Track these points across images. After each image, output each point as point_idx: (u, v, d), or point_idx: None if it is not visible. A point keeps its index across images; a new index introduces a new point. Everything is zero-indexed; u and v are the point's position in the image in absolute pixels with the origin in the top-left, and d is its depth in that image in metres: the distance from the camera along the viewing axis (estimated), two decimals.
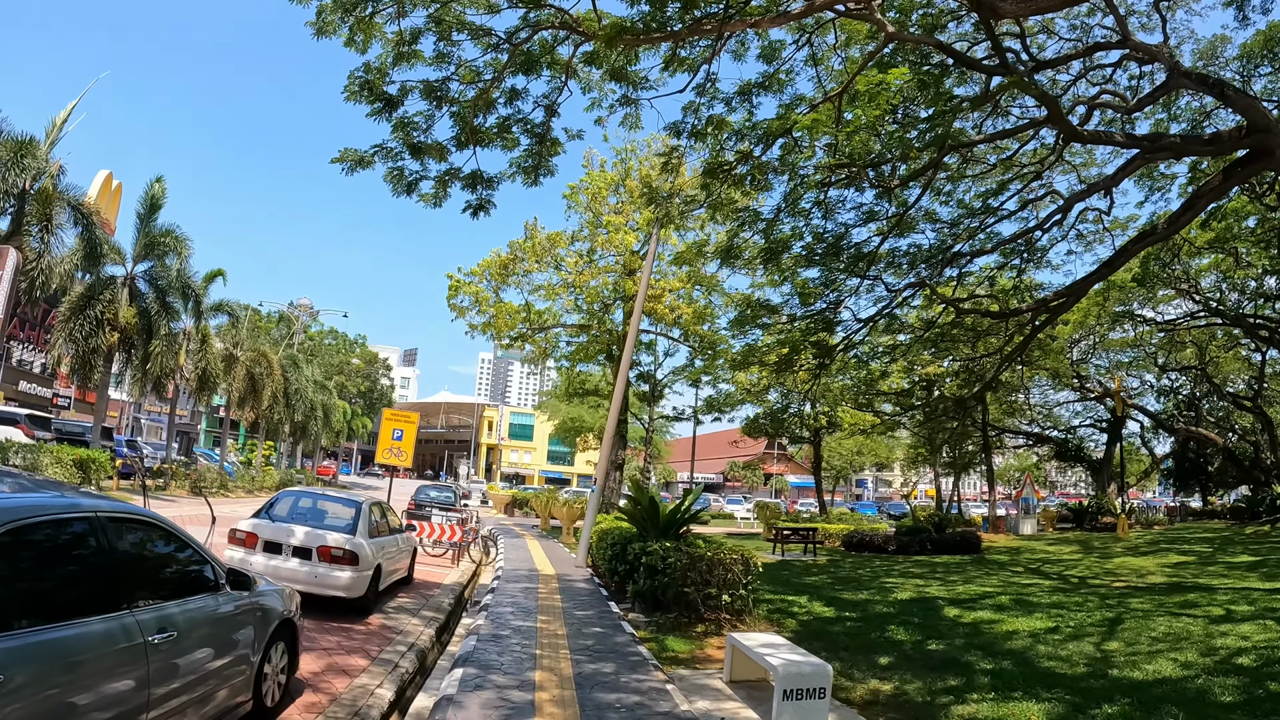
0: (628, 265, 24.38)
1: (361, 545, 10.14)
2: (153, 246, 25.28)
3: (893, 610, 13.00)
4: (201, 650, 4.71)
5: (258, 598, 5.72)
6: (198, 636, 4.69)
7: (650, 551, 10.58)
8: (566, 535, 24.78)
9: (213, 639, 4.95)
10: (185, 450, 34.40)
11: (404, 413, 16.78)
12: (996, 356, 25.81)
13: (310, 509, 11.12)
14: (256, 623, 5.64)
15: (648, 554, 10.71)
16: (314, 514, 11.00)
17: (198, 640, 4.68)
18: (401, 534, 12.66)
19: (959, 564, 21.20)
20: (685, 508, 11.85)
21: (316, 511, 11.10)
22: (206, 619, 4.90)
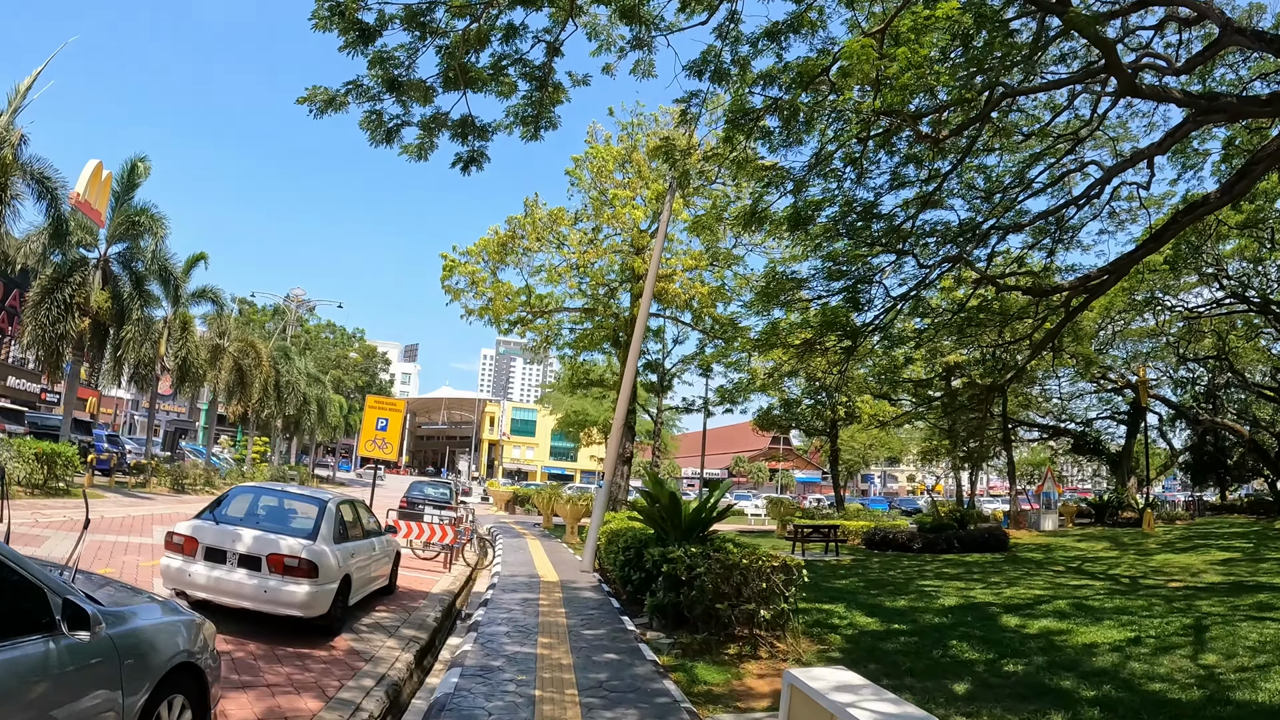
0: (636, 243, 22.57)
1: (323, 553, 8.36)
2: (129, 226, 23.51)
3: (945, 620, 11.50)
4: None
5: (125, 636, 3.93)
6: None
7: (673, 559, 8.81)
8: (570, 534, 23.03)
9: (35, 708, 3.19)
10: (171, 446, 32.74)
11: (389, 400, 15.01)
12: (1024, 343, 24.39)
13: (267, 508, 9.36)
14: (126, 674, 3.85)
15: (669, 561, 8.93)
16: (270, 514, 9.24)
17: None
18: (380, 537, 10.90)
19: (992, 563, 19.87)
20: (711, 505, 10.07)
21: (274, 511, 9.34)
22: (20, 678, 3.13)
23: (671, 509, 9.73)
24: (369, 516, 10.78)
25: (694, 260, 21.76)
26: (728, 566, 8.27)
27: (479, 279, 22.40)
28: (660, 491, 9.81)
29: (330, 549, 8.58)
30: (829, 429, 34.51)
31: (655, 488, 9.80)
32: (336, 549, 8.77)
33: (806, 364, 19.89)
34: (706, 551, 9.09)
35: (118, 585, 5.33)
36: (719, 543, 9.73)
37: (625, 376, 15.30)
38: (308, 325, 63.78)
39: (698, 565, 8.33)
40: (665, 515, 9.80)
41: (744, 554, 8.90)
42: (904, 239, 17.47)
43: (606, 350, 29.24)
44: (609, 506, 15.47)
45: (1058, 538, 26.73)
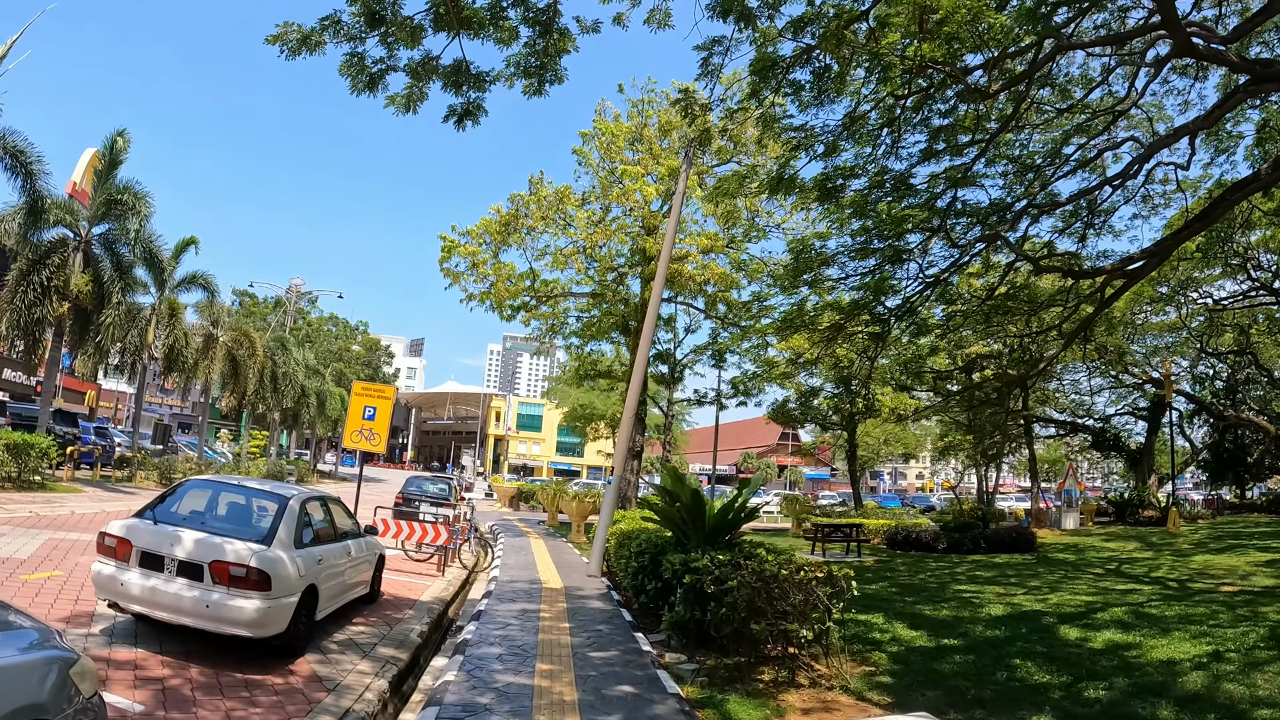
0: (647, 223, 21.13)
1: (278, 561, 6.98)
2: (111, 206, 22.18)
3: (998, 633, 10.23)
4: None
5: None
6: None
7: (698, 568, 7.39)
8: (576, 533, 21.65)
9: None
10: (162, 439, 31.54)
11: (377, 386, 13.62)
12: (1052, 333, 23.25)
13: (219, 505, 7.99)
14: None
15: (692, 571, 7.52)
16: (222, 513, 7.86)
17: None
18: (359, 539, 9.52)
19: (1024, 565, 18.72)
20: (739, 504, 8.65)
21: (227, 509, 7.96)
22: None
23: (694, 509, 8.31)
24: (344, 515, 9.40)
25: (709, 241, 20.29)
26: (764, 579, 6.85)
27: (480, 261, 20.98)
28: (681, 489, 8.39)
29: (289, 555, 7.19)
30: (847, 423, 33.01)
31: (675, 484, 8.39)
32: (298, 555, 7.39)
33: (830, 351, 18.44)
34: (736, 559, 7.68)
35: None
36: (748, 548, 8.30)
37: (636, 363, 13.88)
38: (310, 318, 62.56)
39: (728, 577, 6.90)
40: (687, 516, 8.38)
41: (780, 562, 7.49)
42: (936, 216, 16.18)
43: (615, 339, 27.84)
44: (618, 504, 14.05)
45: (1082, 537, 25.75)
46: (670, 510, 8.37)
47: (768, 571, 7.03)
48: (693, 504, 8.28)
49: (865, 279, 16.72)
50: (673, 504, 8.38)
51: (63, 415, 27.38)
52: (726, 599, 6.92)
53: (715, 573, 7.16)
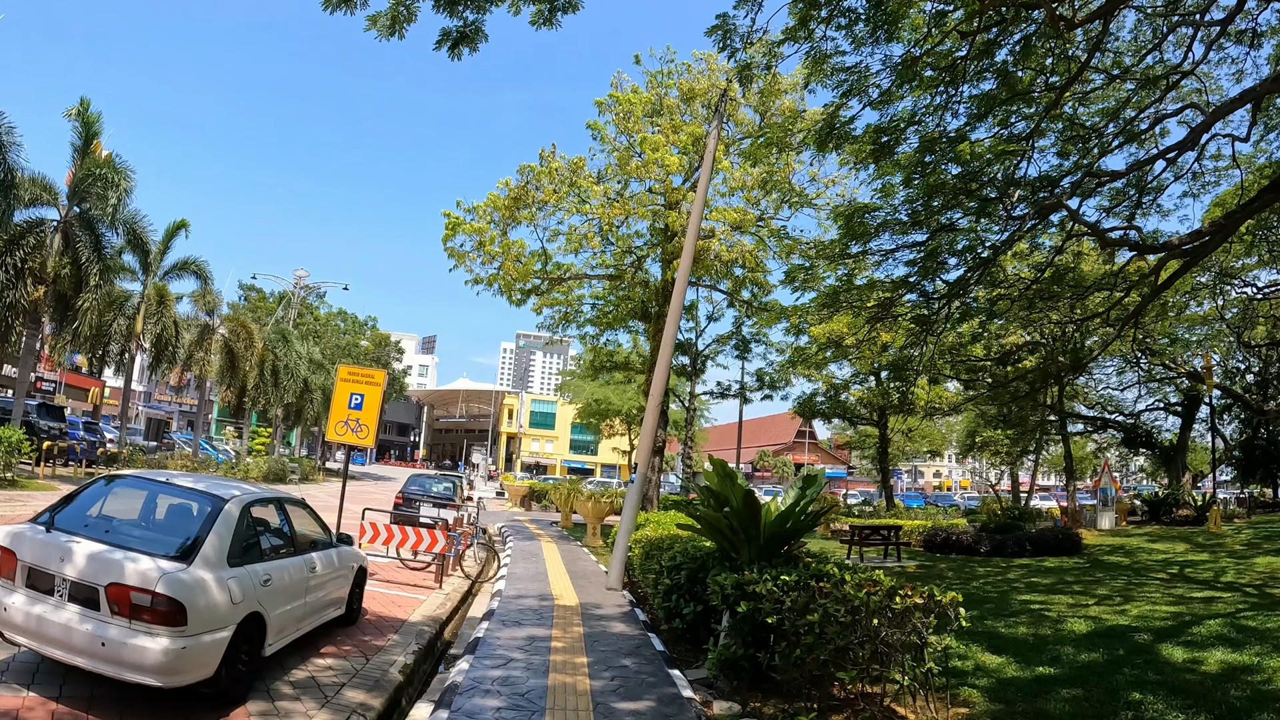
0: (669, 197, 19.28)
1: (197, 585, 5.22)
2: (91, 182, 20.58)
3: (1094, 655, 8.70)
4: None
5: None
6: None
7: (757, 593, 5.56)
8: (591, 536, 19.86)
9: None
10: (156, 435, 30.05)
11: (365, 370, 11.87)
12: (1096, 320, 21.62)
13: (139, 508, 6.24)
14: None
15: (751, 597, 5.71)
16: (137, 518, 6.12)
17: None
18: (329, 550, 7.77)
19: (1080, 570, 17.21)
20: (802, 508, 6.82)
21: (148, 513, 6.22)
22: None
23: (747, 516, 6.49)
24: (310, 522, 7.65)
25: (738, 216, 18.41)
26: (854, 609, 5.02)
27: (487, 240, 19.21)
28: (729, 489, 6.57)
29: (216, 576, 5.43)
30: (878, 417, 31.06)
31: (721, 484, 6.57)
32: (234, 575, 5.63)
33: (874, 335, 16.56)
34: (802, 579, 5.87)
35: None
36: (813, 564, 6.47)
37: (662, 346, 12.06)
38: (318, 313, 61.10)
39: (803, 608, 5.08)
40: (737, 524, 6.56)
41: (866, 585, 5.67)
42: (990, 185, 14.43)
43: (632, 328, 26.07)
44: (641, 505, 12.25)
45: (1123, 538, 24.37)
46: (716, 517, 6.55)
47: (852, 598, 5.19)
48: (745, 509, 6.46)
49: (915, 254, 14.90)
50: (719, 509, 6.57)
51: (49, 409, 25.89)
52: (804, 637, 5.09)
53: (785, 601, 5.33)
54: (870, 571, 6.12)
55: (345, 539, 8.11)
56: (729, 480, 6.59)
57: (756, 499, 6.55)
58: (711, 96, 21.01)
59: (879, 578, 6.02)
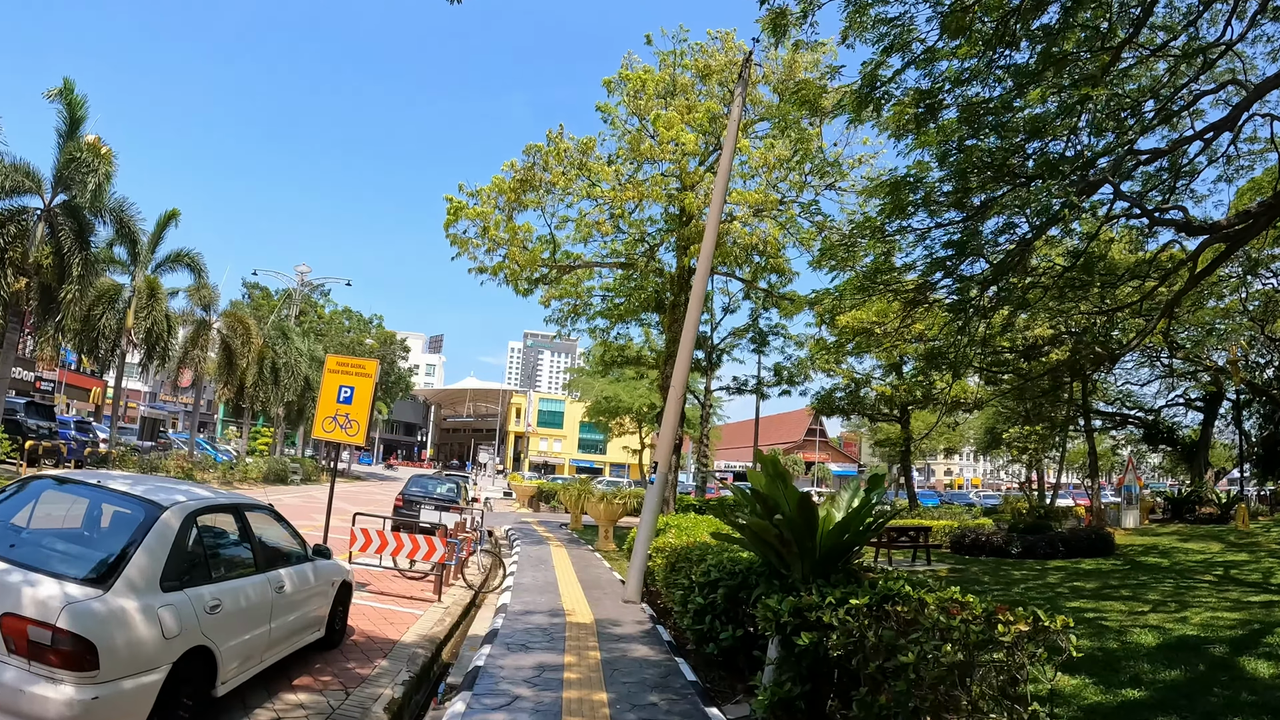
0: (685, 180, 18.10)
1: (114, 617, 4.09)
2: (75, 168, 19.53)
3: (1175, 674, 7.72)
4: None
5: None
6: None
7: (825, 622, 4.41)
8: (603, 540, 18.72)
9: None
10: (151, 434, 29.09)
11: (355, 360, 10.75)
12: (1125, 312, 20.55)
13: (59, 517, 5.11)
14: None
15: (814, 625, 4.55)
16: (59, 528, 4.99)
17: None
18: (303, 565, 6.64)
19: (1121, 572, 16.26)
20: (865, 512, 5.65)
21: (68, 523, 5.09)
22: None
23: (801, 525, 5.32)
24: (278, 532, 6.52)
25: (759, 198, 17.21)
26: (965, 646, 3.86)
27: (492, 225, 18.06)
28: (779, 493, 5.40)
29: (143, 604, 4.30)
30: (900, 413, 29.80)
31: (771, 487, 5.39)
32: (167, 602, 4.49)
33: (910, 322, 15.35)
34: (874, 603, 4.72)
35: None
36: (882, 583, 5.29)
37: (685, 329, 10.87)
38: (322, 311, 60.17)
39: (903, 649, 3.91)
40: (790, 535, 5.39)
41: (944, 604, 4.53)
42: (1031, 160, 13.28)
43: (645, 321, 24.89)
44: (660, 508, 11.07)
45: (1151, 537, 23.59)
46: (763, 526, 5.38)
47: (958, 634, 4.03)
48: (800, 517, 5.28)
49: (952, 234, 13.69)
50: (767, 516, 5.40)
51: (38, 408, 24.91)
52: (894, 683, 3.92)
53: (867, 637, 4.16)
54: (939, 586, 4.99)
55: (322, 551, 6.97)
56: (780, 482, 5.42)
57: (814, 505, 5.37)
58: (729, 75, 19.83)
59: (966, 599, 4.87)
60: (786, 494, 5.41)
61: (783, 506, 5.41)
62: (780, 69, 19.88)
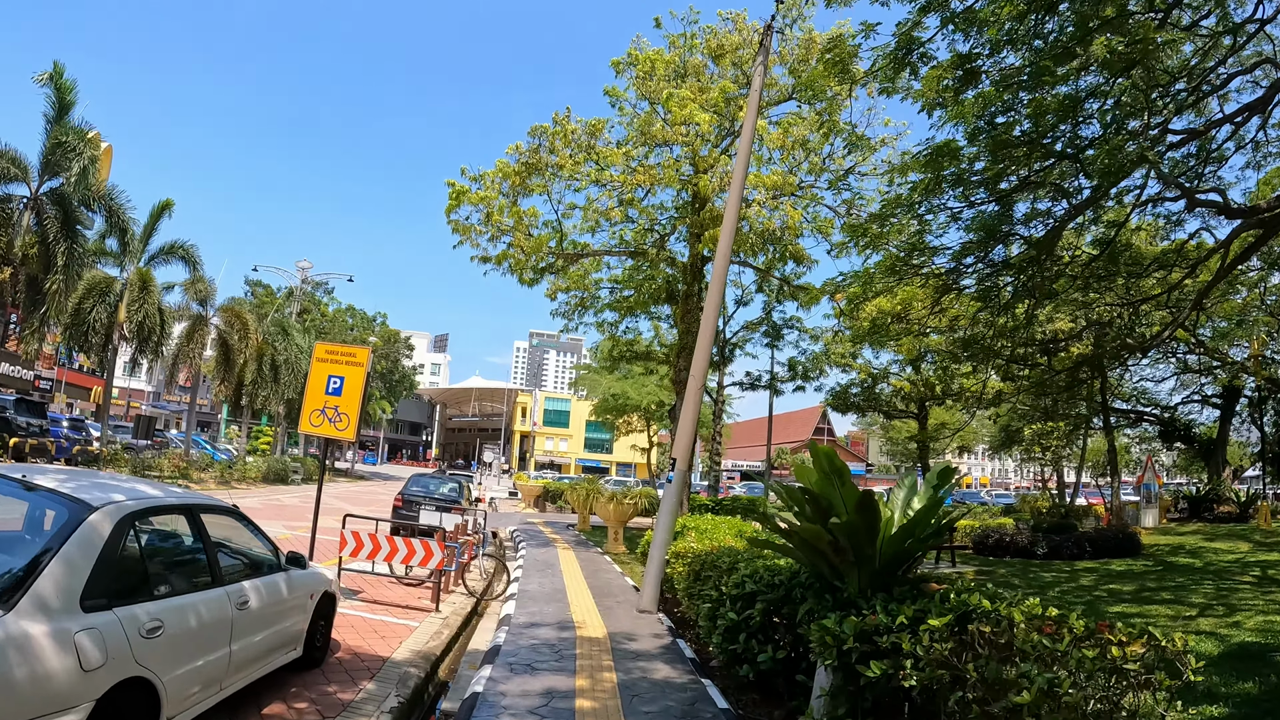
0: (699, 163, 17.19)
1: (14, 645, 3.21)
2: (63, 154, 18.75)
3: (1248, 686, 6.88)
4: None
5: None
6: None
7: (900, 648, 3.53)
8: (613, 542, 17.83)
9: None
10: (146, 432, 28.37)
11: (345, 348, 9.89)
12: (1149, 304, 19.81)
13: None
14: None
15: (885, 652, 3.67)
16: None
17: None
18: (274, 575, 5.77)
19: (1155, 574, 15.63)
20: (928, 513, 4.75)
21: None
22: None
23: (863, 528, 4.42)
24: (244, 537, 5.66)
25: (778, 180, 16.28)
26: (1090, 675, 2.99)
27: (495, 210, 17.19)
28: (835, 492, 4.50)
29: (56, 628, 3.43)
30: (918, 409, 28.85)
31: (825, 485, 4.49)
32: (89, 625, 3.62)
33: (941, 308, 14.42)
34: (951, 624, 3.85)
35: None
36: (957, 598, 4.39)
37: (707, 310, 9.95)
38: (326, 309, 59.40)
39: (1015, 685, 3.04)
40: (846, 540, 4.50)
41: (1034, 619, 3.68)
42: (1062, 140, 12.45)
43: (655, 314, 24.04)
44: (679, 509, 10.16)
45: (1173, 536, 22.94)
46: (815, 531, 4.47)
47: (1072, 660, 3.15)
48: (860, 519, 4.39)
49: (983, 216, 12.77)
50: (821, 519, 4.50)
51: (29, 405, 24.11)
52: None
53: (967, 670, 3.27)
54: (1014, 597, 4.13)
55: (297, 559, 6.09)
56: (837, 479, 4.52)
57: (876, 506, 4.47)
58: (743, 55, 18.95)
59: (1062, 615, 4.01)
60: (844, 493, 4.51)
61: (839, 508, 4.52)
62: (797, 50, 19.02)
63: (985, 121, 11.51)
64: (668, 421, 40.89)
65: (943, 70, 10.00)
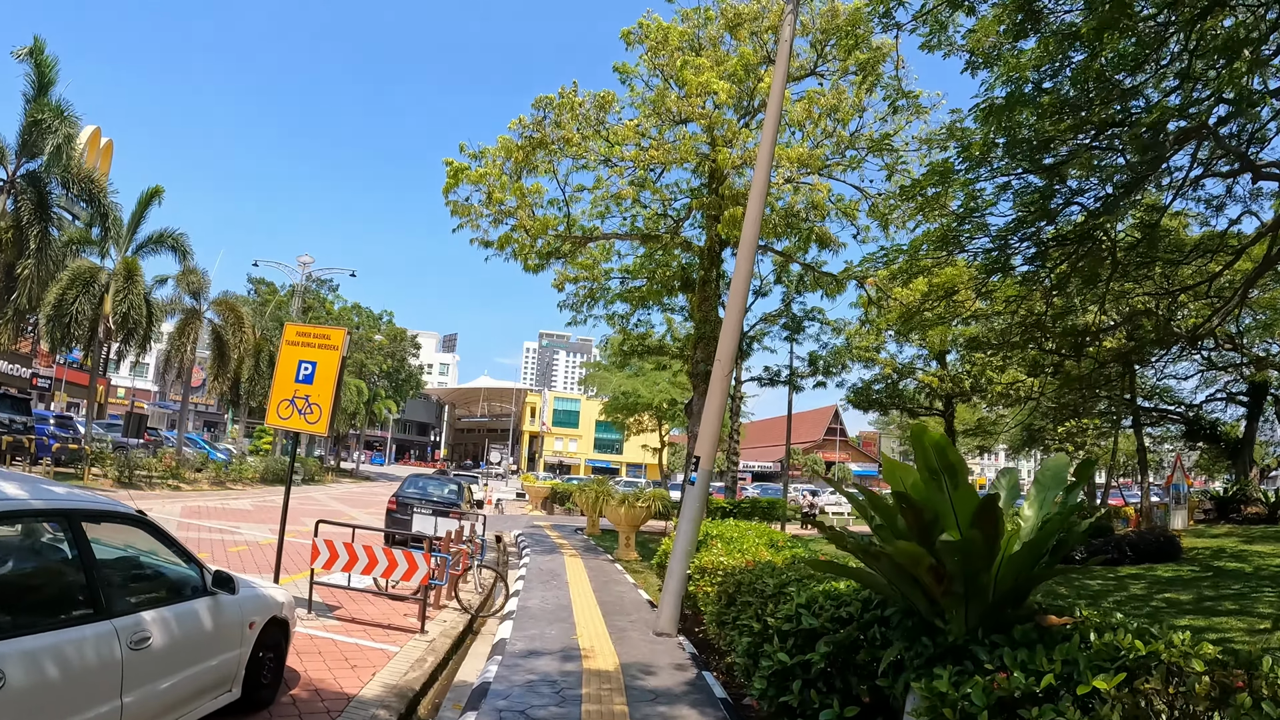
0: (717, 138, 15.86)
1: None
2: (40, 134, 17.63)
3: None
4: None
5: None
6: None
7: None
8: (624, 548, 16.54)
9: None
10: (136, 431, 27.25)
11: (319, 329, 8.66)
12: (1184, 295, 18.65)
13: None
14: None
15: None
16: None
17: None
18: (194, 602, 4.51)
19: (1205, 580, 14.74)
20: (1058, 525, 3.42)
21: None
22: None
23: (983, 549, 3.13)
24: (157, 554, 4.40)
25: (803, 154, 14.95)
26: None
27: (496, 188, 15.93)
28: (944, 500, 3.21)
29: None
30: (945, 406, 27.44)
31: (928, 490, 3.19)
32: None
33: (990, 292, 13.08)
34: (1121, 685, 2.56)
35: None
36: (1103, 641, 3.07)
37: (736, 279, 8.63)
38: (331, 306, 58.34)
39: None
40: (954, 566, 3.19)
41: (1220, 673, 2.39)
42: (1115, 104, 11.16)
43: (667, 305, 22.74)
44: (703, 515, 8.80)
45: (1206, 539, 22.18)
46: (915, 553, 3.16)
47: None
48: (981, 538, 3.09)
49: (1027, 190, 11.42)
50: (922, 537, 3.20)
51: (12, 401, 23.04)
52: None
53: None
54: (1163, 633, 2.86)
55: (225, 580, 4.80)
56: (947, 481, 3.22)
57: (1000, 518, 3.17)
58: (762, 24, 17.66)
59: (1248, 659, 2.74)
60: (956, 500, 3.22)
61: (947, 521, 3.23)
62: (818, 21, 17.74)
63: (1034, 85, 10.20)
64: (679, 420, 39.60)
65: (1002, 10, 8.67)
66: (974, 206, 10.09)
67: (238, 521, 16.59)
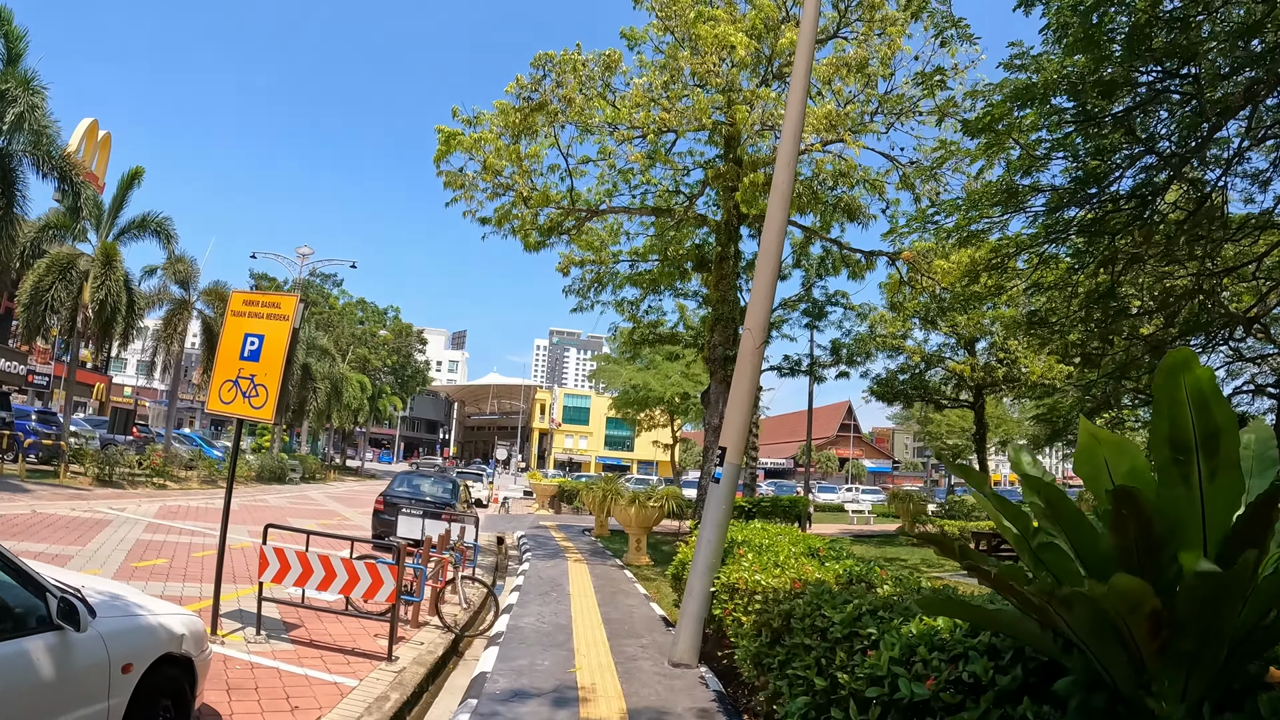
0: (735, 99, 14.40)
1: None
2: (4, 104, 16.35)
3: None
4: None
5: None
6: None
7: None
8: (634, 552, 15.13)
9: None
10: (122, 427, 26.09)
11: (267, 296, 7.26)
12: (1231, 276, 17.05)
13: None
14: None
15: None
16: None
17: None
18: (35, 640, 3.14)
19: None
20: None
21: None
22: None
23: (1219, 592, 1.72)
24: None
25: (831, 112, 13.45)
26: None
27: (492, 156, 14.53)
28: (1193, 500, 1.84)
29: None
30: (974, 397, 25.86)
31: (1167, 482, 1.85)
32: None
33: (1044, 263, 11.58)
34: None
35: None
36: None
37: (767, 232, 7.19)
38: (335, 301, 57.23)
39: None
40: (1200, 607, 1.77)
41: None
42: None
43: (680, 290, 21.31)
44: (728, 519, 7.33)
45: None
46: (1136, 592, 1.79)
47: None
48: (1252, 555, 1.70)
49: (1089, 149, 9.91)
50: (1148, 568, 1.82)
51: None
52: None
53: None
54: None
55: (71, 612, 3.43)
56: (1201, 462, 1.82)
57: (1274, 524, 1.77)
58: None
59: None
60: (1210, 498, 1.81)
61: (1189, 531, 1.82)
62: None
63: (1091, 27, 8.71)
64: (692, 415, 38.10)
65: None
66: (1036, 157, 8.61)
67: (218, 523, 15.32)
